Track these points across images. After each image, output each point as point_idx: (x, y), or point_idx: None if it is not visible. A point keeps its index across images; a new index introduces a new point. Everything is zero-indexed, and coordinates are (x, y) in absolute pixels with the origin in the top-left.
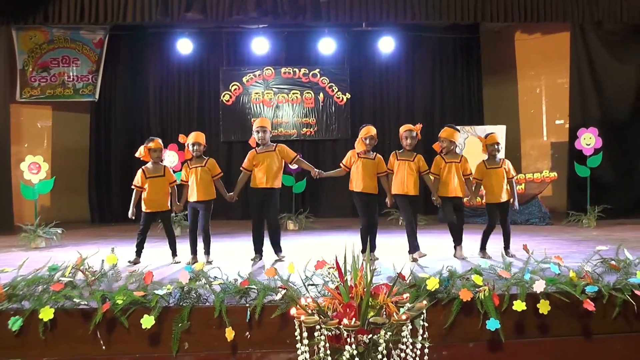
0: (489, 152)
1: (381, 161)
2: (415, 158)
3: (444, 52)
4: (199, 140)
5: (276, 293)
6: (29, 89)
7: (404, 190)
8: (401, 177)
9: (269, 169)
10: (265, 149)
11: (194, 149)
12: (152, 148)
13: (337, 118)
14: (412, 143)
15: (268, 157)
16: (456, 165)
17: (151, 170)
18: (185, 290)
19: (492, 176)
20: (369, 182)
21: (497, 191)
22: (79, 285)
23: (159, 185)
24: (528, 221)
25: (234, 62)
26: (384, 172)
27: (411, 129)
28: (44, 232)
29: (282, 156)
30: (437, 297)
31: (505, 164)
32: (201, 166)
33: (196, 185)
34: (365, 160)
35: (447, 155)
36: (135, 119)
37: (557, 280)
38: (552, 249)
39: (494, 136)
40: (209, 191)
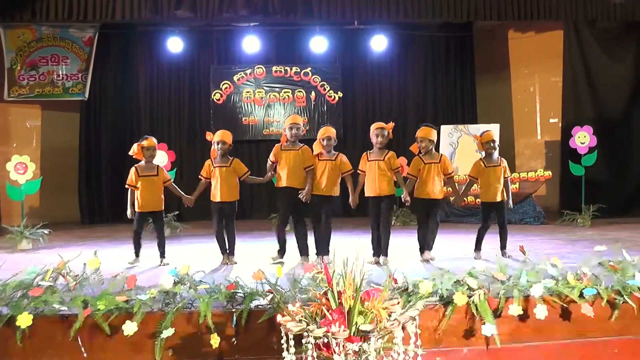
0: (485, 150)
1: (343, 160)
2: (386, 157)
3: (436, 51)
4: (224, 138)
5: (263, 297)
6: (17, 88)
7: (375, 192)
8: (372, 178)
9: (292, 168)
10: (291, 146)
11: (219, 147)
12: (146, 146)
13: (329, 117)
14: (383, 142)
15: (291, 156)
16: (435, 166)
17: (144, 169)
18: (170, 294)
19: (490, 175)
20: (329, 184)
21: (494, 190)
22: (60, 290)
23: (152, 184)
24: (522, 220)
25: (224, 60)
26: (349, 170)
27: (382, 127)
28: (30, 233)
29: (304, 158)
30: (430, 301)
31: (503, 162)
32: (226, 166)
33: (220, 185)
34: (327, 162)
35: (425, 155)
36: (126, 118)
37: (554, 283)
38: (547, 249)
39: (490, 134)
40: (233, 192)
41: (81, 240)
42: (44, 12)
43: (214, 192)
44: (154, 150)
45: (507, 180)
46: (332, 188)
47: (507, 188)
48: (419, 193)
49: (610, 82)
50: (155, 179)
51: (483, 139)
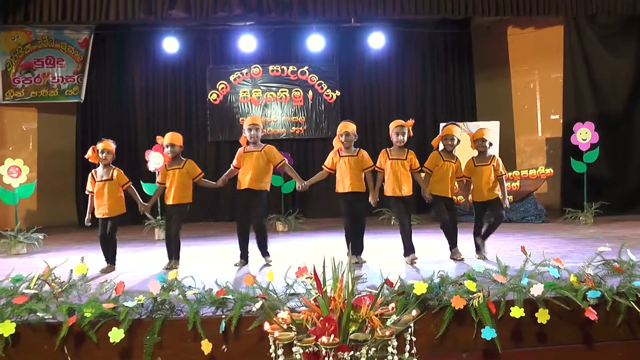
0: (476, 147)
1: (364, 156)
2: (407, 155)
3: (435, 48)
4: (173, 141)
5: (254, 303)
6: (13, 91)
7: (398, 192)
8: (394, 178)
9: (254, 170)
10: (253, 148)
11: (168, 150)
12: (100, 149)
13: (327, 116)
14: (404, 140)
15: (254, 157)
16: (452, 166)
17: (100, 174)
18: (158, 301)
19: (479, 174)
20: (355, 180)
21: (484, 189)
22: (46, 298)
23: (108, 190)
24: (524, 219)
25: (220, 60)
26: (370, 167)
27: (402, 124)
28: (24, 237)
29: (268, 158)
30: (427, 305)
31: (494, 161)
32: (178, 168)
33: (172, 188)
34: (348, 158)
35: (445, 152)
36: (122, 120)
37: (556, 284)
38: (549, 249)
39: (482, 131)
40: (184, 194)
41: (77, 244)
42: (37, 13)
43: (167, 195)
44: (109, 154)
45: (501, 178)
46: (359, 184)
47: (502, 186)
48: (435, 189)
49: (611, 78)
50: (111, 183)
51: (475, 137)
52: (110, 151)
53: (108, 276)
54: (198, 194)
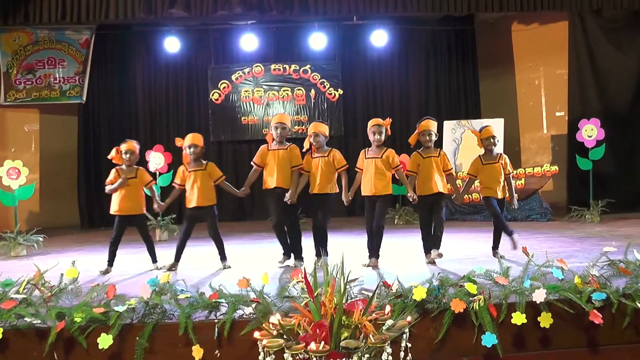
0: (484, 146)
1: (336, 157)
2: (383, 154)
3: (438, 45)
4: (196, 142)
5: (247, 307)
6: (14, 92)
7: (370, 191)
8: (368, 177)
9: (282, 168)
10: (278, 146)
11: (191, 151)
12: (124, 150)
13: (330, 115)
14: (381, 139)
15: (280, 155)
16: (435, 160)
17: (124, 173)
18: (150, 305)
19: (488, 172)
20: (324, 181)
21: (495, 186)
22: (35, 302)
23: (132, 188)
24: (529, 217)
25: (222, 60)
26: (342, 166)
27: (379, 123)
28: (24, 239)
29: (292, 157)
30: (426, 309)
31: (502, 159)
32: (201, 170)
33: (196, 190)
34: (319, 158)
35: (424, 150)
36: (124, 120)
37: (560, 287)
38: (554, 248)
39: (489, 129)
40: (209, 196)
41: (78, 246)
42: (37, 14)
43: (189, 198)
44: (133, 154)
45: (508, 177)
46: (327, 185)
47: (510, 185)
48: (420, 190)
49: (617, 73)
50: (135, 182)
51: (482, 135)
52: (134, 152)
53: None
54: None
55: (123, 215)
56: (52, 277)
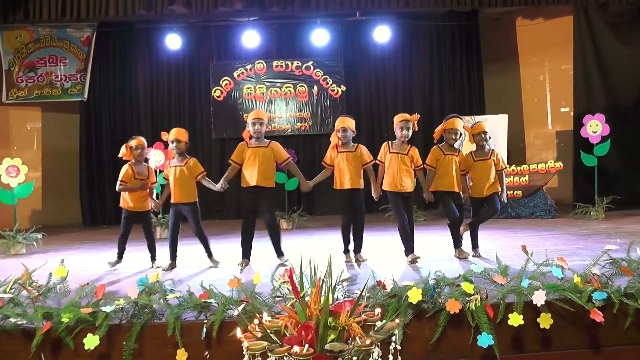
0: (476, 142)
1: (363, 152)
2: (408, 151)
3: (442, 41)
4: (179, 137)
5: (237, 307)
6: (16, 90)
7: (395, 187)
8: (392, 172)
9: (262, 166)
10: (258, 143)
11: (174, 146)
12: (134, 146)
13: (333, 112)
14: (408, 135)
15: (260, 153)
16: (455, 159)
17: (138, 172)
18: (139, 305)
19: (478, 169)
20: (353, 177)
21: (482, 185)
22: (23, 303)
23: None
24: (533, 214)
25: (224, 56)
26: (369, 162)
27: (407, 119)
28: (23, 237)
29: (274, 154)
30: (421, 309)
31: (494, 155)
32: (180, 166)
33: (174, 186)
34: (346, 153)
35: (445, 146)
36: (126, 118)
37: (559, 286)
38: (557, 245)
39: (481, 125)
40: (188, 192)
41: (78, 244)
42: (37, 10)
43: (172, 194)
44: (143, 150)
45: (501, 173)
46: (358, 180)
47: (501, 181)
48: (438, 185)
49: (622, 68)
50: (148, 181)
51: (473, 131)
52: (144, 147)
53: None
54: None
55: (132, 211)
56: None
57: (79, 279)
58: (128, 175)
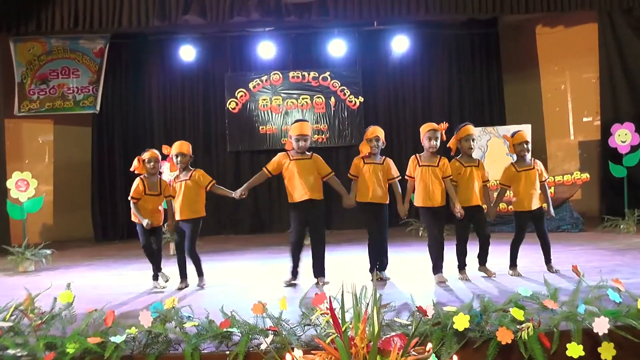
0: (517, 152)
1: (391, 166)
2: (439, 162)
3: (461, 50)
4: (182, 150)
5: (263, 337)
6: (28, 103)
7: (430, 202)
8: (425, 186)
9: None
10: (301, 156)
11: (177, 160)
12: (147, 159)
13: (350, 123)
14: (436, 145)
15: (306, 165)
16: (476, 170)
17: (150, 186)
18: (152, 334)
19: (522, 180)
20: (379, 190)
21: (529, 197)
22: (24, 331)
23: (156, 202)
24: (559, 228)
25: (239, 67)
26: (395, 177)
27: (435, 128)
28: (32, 254)
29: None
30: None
31: (537, 165)
32: (186, 180)
33: (180, 201)
34: (374, 165)
35: (464, 158)
36: (138, 131)
37: (619, 312)
38: (593, 262)
39: (522, 134)
40: (194, 208)
41: (88, 260)
42: (50, 21)
43: (177, 210)
44: (157, 163)
45: (544, 184)
46: (382, 195)
47: (545, 193)
48: (463, 201)
49: None
50: (160, 197)
51: (515, 140)
52: (158, 160)
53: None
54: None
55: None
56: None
57: (89, 299)
58: (139, 192)
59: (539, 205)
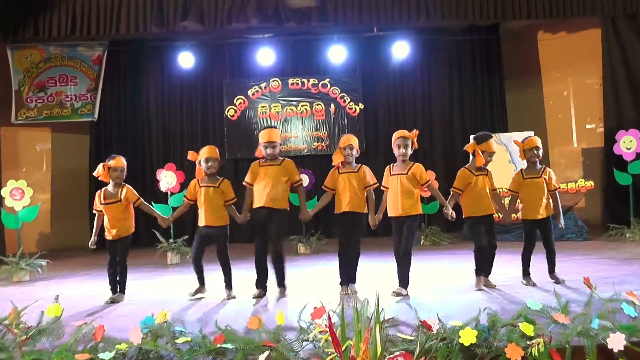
0: (527, 158)
1: (367, 173)
2: (409, 170)
3: (462, 56)
4: (214, 155)
5: (259, 353)
6: (25, 110)
7: (397, 211)
8: (394, 196)
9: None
10: (270, 162)
11: (208, 165)
12: (112, 166)
13: (350, 130)
14: (406, 153)
15: (271, 171)
16: (485, 179)
17: (108, 195)
18: (143, 350)
19: (529, 188)
20: (355, 199)
21: (535, 206)
22: (9, 347)
23: (116, 211)
24: (563, 237)
25: (238, 74)
26: (372, 185)
27: (405, 136)
28: (27, 263)
29: (287, 174)
30: (474, 354)
31: (546, 173)
32: (213, 186)
33: (205, 207)
34: (348, 174)
35: (472, 166)
36: (137, 138)
37: (635, 327)
38: (599, 272)
39: (533, 139)
40: (221, 214)
41: (85, 269)
42: (47, 28)
43: (200, 215)
44: (122, 171)
45: (554, 193)
46: (359, 204)
47: (556, 202)
48: (472, 210)
49: None
50: (119, 205)
51: (525, 146)
52: (123, 169)
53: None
54: None
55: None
56: None
57: (82, 311)
58: (96, 205)
59: (545, 215)
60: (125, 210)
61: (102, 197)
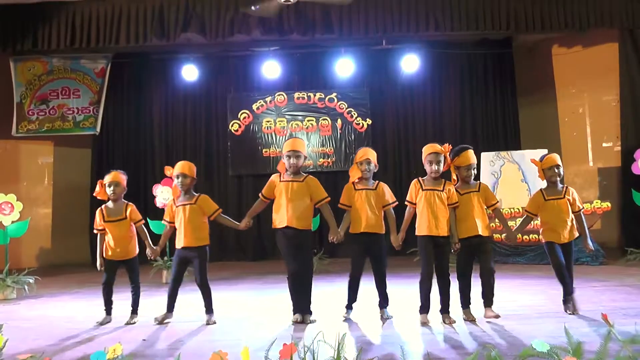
0: (547, 177)
1: (385, 191)
2: (444, 186)
3: (474, 71)
4: (184, 171)
5: None
6: (26, 123)
7: (436, 231)
8: (429, 213)
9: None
10: (292, 177)
11: (179, 181)
12: (107, 182)
13: (358, 146)
14: (439, 170)
15: (293, 188)
16: (475, 196)
17: (111, 212)
18: None
19: (552, 210)
20: (373, 219)
21: (558, 229)
22: None
23: (121, 229)
24: (578, 260)
25: (242, 88)
26: (391, 204)
27: (437, 151)
28: (13, 281)
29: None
30: None
31: (569, 193)
32: (190, 204)
33: (184, 227)
34: (366, 191)
35: (461, 185)
36: (139, 153)
37: None
38: (618, 301)
39: (553, 157)
40: (200, 235)
41: (77, 287)
42: (47, 39)
43: (178, 236)
44: (118, 187)
45: (579, 215)
46: (378, 224)
47: (581, 224)
48: (462, 230)
49: None
50: (125, 223)
51: (544, 165)
52: (119, 183)
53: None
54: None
55: (112, 260)
56: None
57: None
58: (97, 223)
59: (568, 239)
60: (131, 228)
61: (105, 214)
